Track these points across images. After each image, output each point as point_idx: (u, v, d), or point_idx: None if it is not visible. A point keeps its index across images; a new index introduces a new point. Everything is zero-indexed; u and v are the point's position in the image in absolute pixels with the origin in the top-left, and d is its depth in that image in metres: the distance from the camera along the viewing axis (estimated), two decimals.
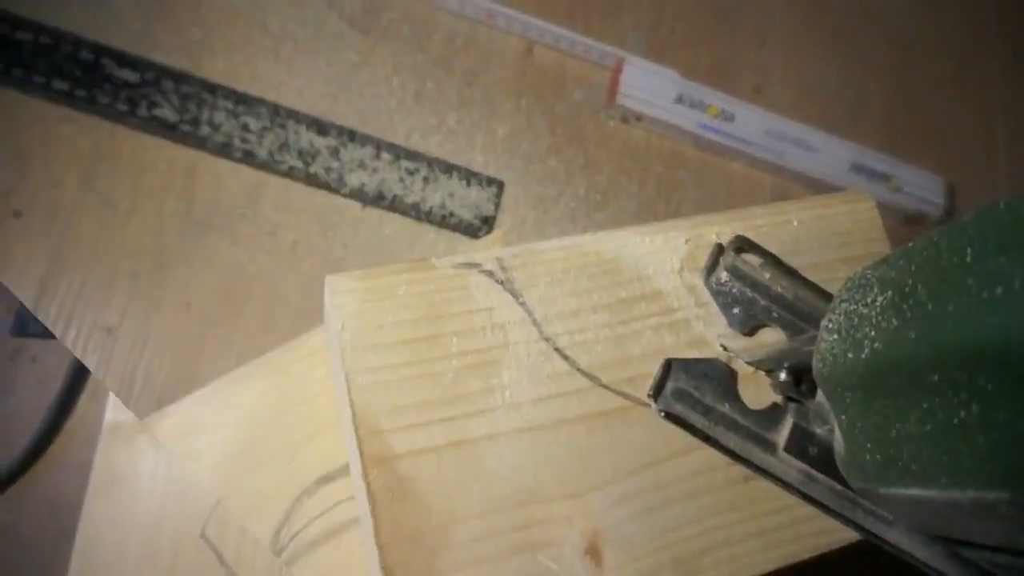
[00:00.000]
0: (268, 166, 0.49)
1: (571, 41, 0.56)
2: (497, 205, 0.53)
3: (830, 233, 0.26)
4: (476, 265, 0.23)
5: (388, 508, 0.20)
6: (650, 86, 0.55)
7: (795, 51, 0.64)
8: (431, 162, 0.52)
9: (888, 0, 0.68)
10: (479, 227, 0.52)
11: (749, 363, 0.24)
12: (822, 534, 0.23)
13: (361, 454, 0.21)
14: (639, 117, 0.56)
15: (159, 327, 0.46)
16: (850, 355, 0.17)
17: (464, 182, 0.52)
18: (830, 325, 0.19)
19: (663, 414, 0.23)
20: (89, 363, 0.44)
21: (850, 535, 0.24)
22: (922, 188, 0.58)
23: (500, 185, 0.53)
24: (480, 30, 0.56)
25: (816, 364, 0.19)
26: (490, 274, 0.23)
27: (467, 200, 0.52)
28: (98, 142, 0.48)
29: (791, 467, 0.23)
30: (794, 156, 0.57)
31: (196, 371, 0.46)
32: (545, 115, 0.56)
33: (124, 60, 0.48)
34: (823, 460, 0.23)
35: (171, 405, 0.33)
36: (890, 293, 0.16)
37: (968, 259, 0.14)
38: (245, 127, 0.49)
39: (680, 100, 0.56)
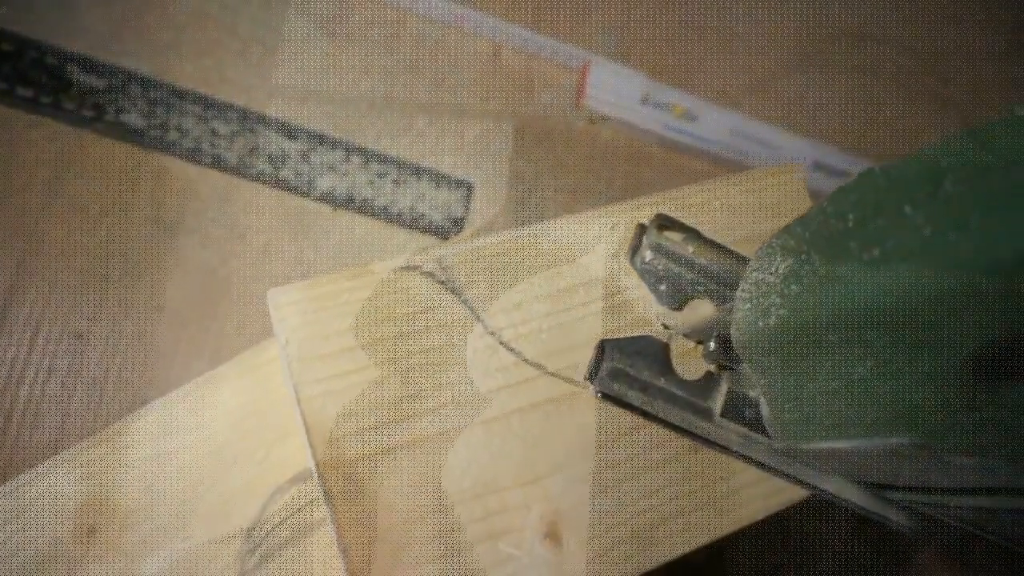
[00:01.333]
0: (238, 171, 0.50)
1: (538, 44, 0.57)
2: (467, 206, 0.54)
3: (760, 206, 0.27)
4: (416, 267, 0.23)
5: (348, 511, 0.21)
6: (616, 87, 0.56)
7: (760, 53, 0.65)
8: (401, 165, 0.53)
9: (851, 3, 0.70)
10: (449, 228, 0.53)
11: (686, 336, 0.24)
12: (770, 496, 0.24)
13: (317, 462, 0.21)
14: (606, 118, 0.57)
15: (131, 331, 0.46)
16: (760, 323, 0.18)
17: (434, 184, 0.53)
18: (743, 294, 0.19)
19: (600, 395, 0.23)
20: (59, 369, 0.44)
21: (796, 494, 0.24)
22: None
23: (470, 187, 0.54)
24: (449, 33, 0.57)
25: (734, 333, 0.20)
26: (431, 275, 0.23)
27: (437, 202, 0.53)
28: (65, 147, 0.48)
29: (729, 431, 0.24)
30: (757, 154, 0.59)
31: (169, 374, 0.46)
32: (513, 117, 0.57)
33: (90, 65, 0.48)
34: (759, 421, 0.23)
35: (144, 407, 0.34)
36: (791, 261, 0.17)
37: (850, 224, 0.15)
38: (214, 132, 0.50)
39: (645, 101, 0.57)
